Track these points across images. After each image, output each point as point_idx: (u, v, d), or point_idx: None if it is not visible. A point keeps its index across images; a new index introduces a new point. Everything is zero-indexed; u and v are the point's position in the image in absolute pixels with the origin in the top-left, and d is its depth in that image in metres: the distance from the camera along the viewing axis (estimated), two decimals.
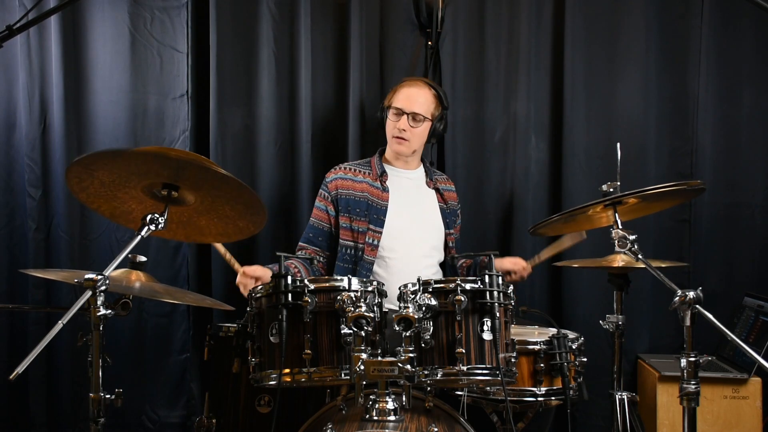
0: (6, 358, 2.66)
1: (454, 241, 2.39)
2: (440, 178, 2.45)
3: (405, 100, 2.26)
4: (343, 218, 2.28)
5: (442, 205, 2.37)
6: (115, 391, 1.40)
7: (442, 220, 2.35)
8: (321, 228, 2.33)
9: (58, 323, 1.28)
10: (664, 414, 2.41)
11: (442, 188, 2.40)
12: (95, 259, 2.63)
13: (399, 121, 2.25)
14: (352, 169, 2.35)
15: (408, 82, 2.31)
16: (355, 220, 2.27)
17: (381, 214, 2.27)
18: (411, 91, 2.27)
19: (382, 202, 2.29)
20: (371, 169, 2.35)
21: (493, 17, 2.66)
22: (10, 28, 1.59)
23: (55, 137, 2.60)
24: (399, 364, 1.50)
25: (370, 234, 2.25)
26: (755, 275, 2.68)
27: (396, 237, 2.26)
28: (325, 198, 2.32)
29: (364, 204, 2.28)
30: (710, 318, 1.43)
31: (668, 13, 2.66)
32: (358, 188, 2.30)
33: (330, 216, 2.31)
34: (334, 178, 2.32)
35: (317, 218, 2.34)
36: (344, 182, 2.31)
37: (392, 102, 2.28)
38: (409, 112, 2.24)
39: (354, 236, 2.27)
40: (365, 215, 2.27)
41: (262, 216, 1.63)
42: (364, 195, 2.29)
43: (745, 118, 2.68)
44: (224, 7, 2.63)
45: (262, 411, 1.95)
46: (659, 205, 2.13)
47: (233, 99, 2.67)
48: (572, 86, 2.64)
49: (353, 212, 2.27)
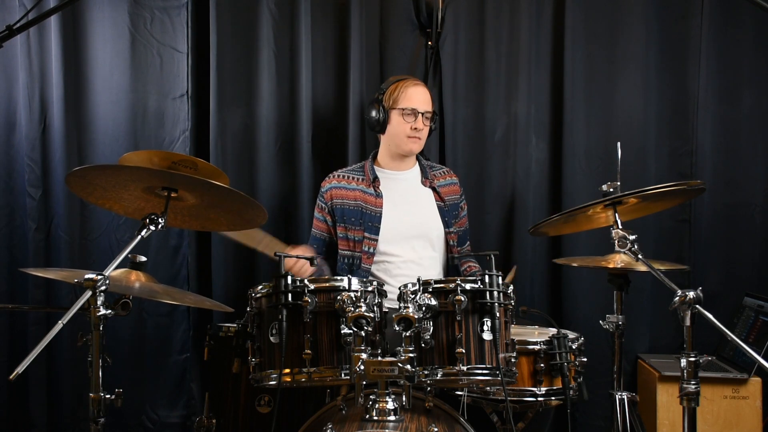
0: (6, 358, 2.66)
1: (455, 239, 2.36)
2: (438, 173, 2.42)
3: (417, 101, 2.26)
4: (339, 228, 2.30)
5: (440, 203, 2.36)
6: (115, 391, 1.41)
7: (441, 219, 2.34)
8: (322, 238, 2.35)
9: (58, 323, 1.28)
10: (664, 414, 2.41)
11: (439, 185, 2.38)
12: (95, 259, 2.63)
13: (416, 121, 2.25)
14: (345, 176, 2.35)
15: (409, 81, 2.29)
16: (351, 229, 2.27)
17: (375, 221, 2.27)
18: (419, 90, 2.28)
19: (376, 208, 2.28)
20: (364, 174, 2.34)
21: (493, 17, 2.66)
22: (10, 28, 1.59)
23: (55, 137, 2.60)
24: (399, 364, 1.50)
25: (366, 242, 2.25)
26: (755, 275, 2.68)
27: (393, 242, 2.26)
28: (322, 209, 2.34)
29: (358, 212, 2.27)
30: (710, 318, 1.43)
31: (668, 13, 2.66)
32: (351, 197, 2.30)
33: (329, 226, 2.34)
34: (328, 188, 2.33)
35: (318, 229, 2.37)
36: (338, 191, 2.31)
37: (400, 103, 2.25)
38: (423, 111, 2.25)
39: (351, 245, 2.27)
40: (360, 224, 2.26)
41: (262, 210, 1.66)
42: (357, 203, 2.28)
43: (745, 118, 2.68)
44: (224, 7, 2.63)
45: (262, 411, 1.95)
46: (659, 205, 2.13)
47: (233, 99, 2.67)
48: (572, 86, 2.64)
49: (348, 221, 2.28)
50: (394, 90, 2.28)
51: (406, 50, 2.70)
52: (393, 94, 2.28)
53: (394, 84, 2.30)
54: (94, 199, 1.67)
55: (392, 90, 2.29)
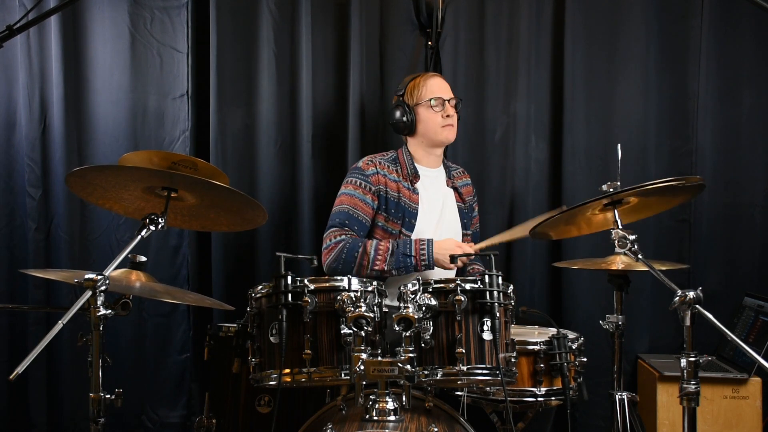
0: (6, 358, 2.65)
1: (470, 241, 2.35)
2: (456, 172, 2.41)
3: (441, 89, 2.26)
4: (379, 216, 2.22)
5: (461, 204, 2.35)
6: (115, 391, 1.40)
7: (460, 221, 2.33)
8: (359, 218, 2.17)
9: (58, 323, 1.28)
10: (664, 414, 2.41)
11: (460, 185, 2.37)
12: (95, 259, 2.63)
13: (445, 109, 2.24)
14: (386, 165, 2.25)
15: (426, 75, 2.29)
16: (390, 221, 2.20)
17: (412, 217, 2.22)
18: (438, 80, 2.28)
19: (413, 204, 2.23)
20: (401, 167, 2.28)
21: (493, 17, 2.66)
22: (10, 28, 1.59)
23: (55, 137, 2.60)
24: (399, 364, 1.50)
25: (401, 237, 2.19)
26: (755, 275, 2.68)
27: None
28: (369, 190, 2.19)
29: (398, 205, 2.21)
30: (710, 318, 1.43)
31: (668, 13, 2.66)
32: (393, 187, 2.23)
33: (372, 209, 2.20)
34: (375, 172, 2.21)
35: (355, 206, 2.18)
36: (385, 179, 2.22)
37: (424, 96, 2.23)
38: (449, 98, 2.25)
39: (385, 237, 2.20)
40: (399, 217, 2.21)
41: (262, 210, 1.66)
42: (397, 195, 2.22)
43: (745, 118, 2.68)
44: (224, 7, 2.63)
45: (262, 411, 1.95)
46: (659, 206, 2.12)
47: (233, 99, 2.67)
48: (572, 86, 2.64)
49: (389, 212, 2.21)
50: (413, 87, 2.26)
51: (406, 50, 2.70)
52: (414, 91, 2.25)
53: (411, 82, 2.28)
54: (94, 199, 1.68)
55: (411, 88, 2.26)
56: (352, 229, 2.16)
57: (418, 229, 2.22)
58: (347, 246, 2.10)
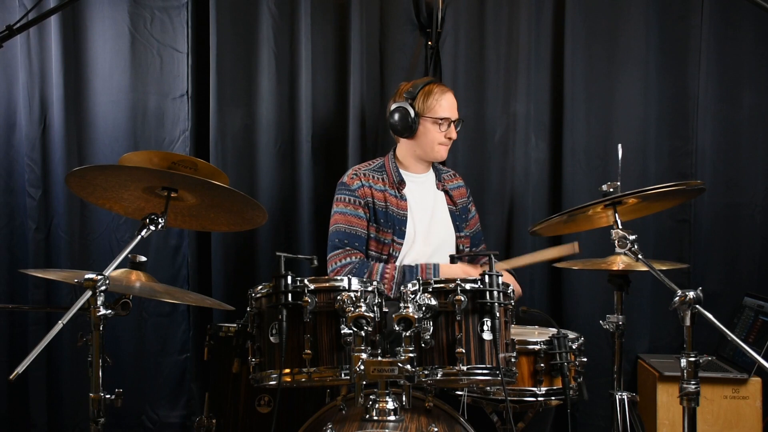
0: (6, 358, 2.66)
1: (468, 243, 2.36)
2: (446, 176, 2.42)
3: (452, 109, 2.26)
4: (371, 227, 2.23)
5: (452, 207, 2.36)
6: (115, 391, 1.40)
7: (452, 223, 2.34)
8: (357, 234, 2.21)
9: (58, 323, 1.28)
10: (664, 414, 2.41)
11: (450, 187, 2.38)
12: (95, 259, 2.63)
13: (449, 130, 2.25)
14: (370, 175, 2.27)
15: (442, 88, 2.26)
16: (381, 231, 2.22)
17: (402, 224, 2.24)
18: (450, 98, 2.27)
19: (401, 211, 2.25)
20: (387, 174, 2.29)
21: (493, 17, 2.66)
22: (10, 28, 1.59)
23: (55, 137, 2.60)
24: (399, 364, 1.50)
25: (394, 246, 2.22)
26: (755, 275, 2.68)
27: (414, 247, 2.25)
28: (358, 204, 2.22)
29: (386, 214, 2.23)
30: (710, 318, 1.43)
31: (668, 13, 2.66)
32: (379, 197, 2.24)
33: (366, 221, 2.22)
34: (360, 185, 2.23)
35: (349, 223, 2.21)
36: (371, 190, 2.24)
37: (436, 112, 2.22)
38: (455, 120, 2.26)
39: (379, 248, 2.23)
40: (389, 226, 2.22)
41: (262, 210, 1.66)
42: (385, 205, 2.24)
43: (745, 118, 2.68)
44: (224, 7, 2.63)
45: (262, 411, 1.95)
46: (659, 205, 2.13)
47: (233, 99, 2.67)
48: (572, 86, 2.64)
49: (379, 222, 2.22)
50: (426, 97, 2.23)
51: (406, 50, 2.70)
52: (427, 102, 2.22)
53: (425, 90, 2.24)
54: (94, 199, 1.68)
55: (424, 97, 2.23)
56: (353, 246, 2.19)
57: (409, 235, 2.24)
58: (353, 272, 2.13)
